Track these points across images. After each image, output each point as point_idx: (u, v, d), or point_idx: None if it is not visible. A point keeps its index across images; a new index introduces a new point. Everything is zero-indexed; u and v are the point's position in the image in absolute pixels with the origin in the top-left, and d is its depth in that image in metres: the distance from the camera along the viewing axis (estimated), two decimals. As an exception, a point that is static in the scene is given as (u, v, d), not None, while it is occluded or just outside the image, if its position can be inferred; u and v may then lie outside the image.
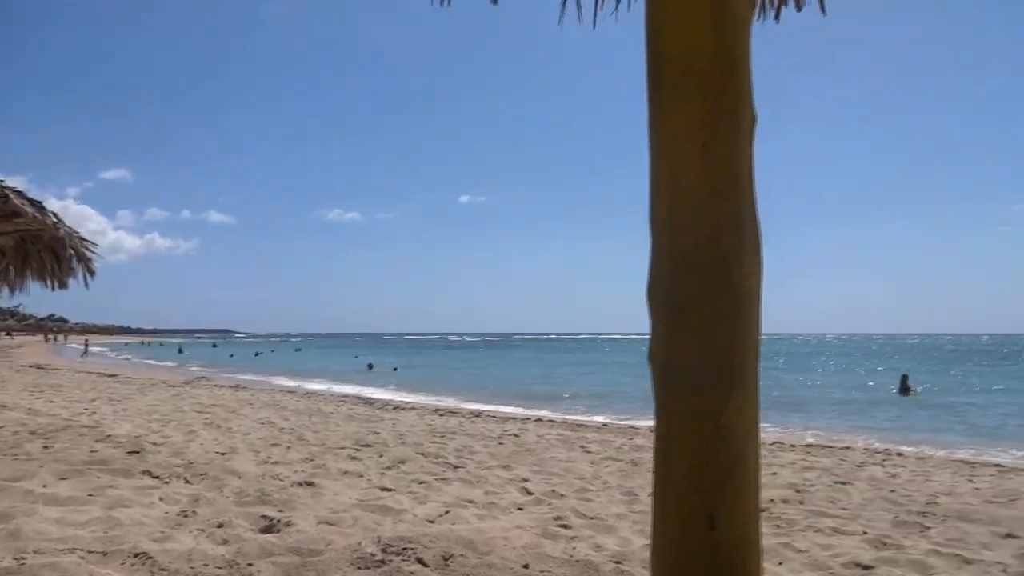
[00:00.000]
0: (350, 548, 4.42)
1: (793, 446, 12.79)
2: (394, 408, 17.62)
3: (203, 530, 4.77)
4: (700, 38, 1.78)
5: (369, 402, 19.49)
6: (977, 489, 8.69)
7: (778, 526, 6.06)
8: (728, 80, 1.79)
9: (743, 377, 1.75)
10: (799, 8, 3.06)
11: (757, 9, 3.02)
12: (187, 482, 6.46)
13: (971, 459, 12.46)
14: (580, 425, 15.44)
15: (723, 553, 1.71)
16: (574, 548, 4.92)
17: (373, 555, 4.30)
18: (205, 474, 6.80)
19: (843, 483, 8.62)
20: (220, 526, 4.88)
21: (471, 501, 6.42)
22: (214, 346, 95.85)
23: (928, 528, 6.27)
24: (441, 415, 16.14)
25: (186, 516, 5.14)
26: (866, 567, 4.84)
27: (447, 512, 5.80)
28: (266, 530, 4.88)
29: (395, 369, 42.16)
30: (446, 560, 4.33)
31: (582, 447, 11.13)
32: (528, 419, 16.10)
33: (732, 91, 1.80)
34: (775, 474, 9.10)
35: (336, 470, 7.65)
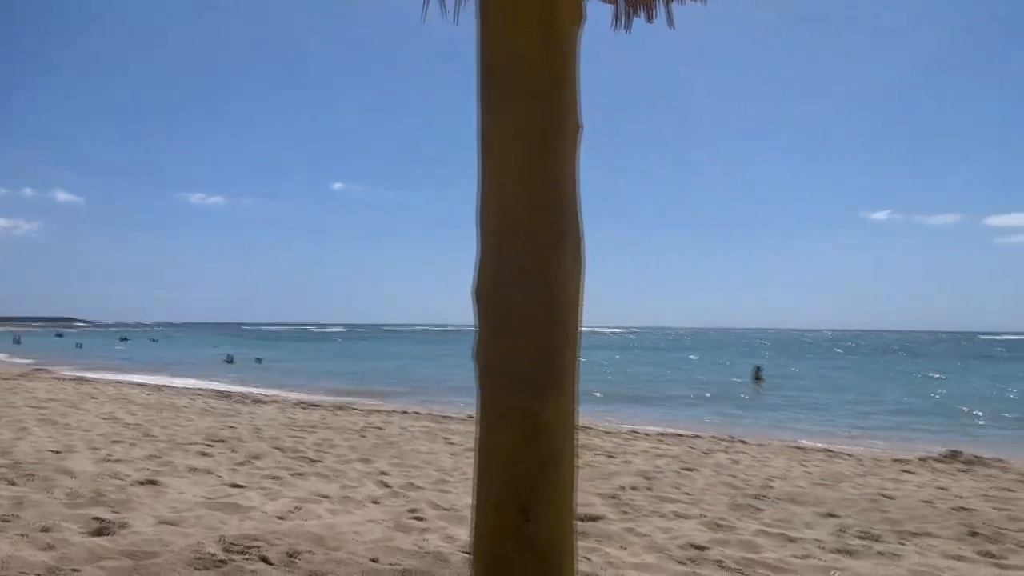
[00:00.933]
0: (189, 548, 4.25)
1: (647, 435, 13.39)
2: (253, 401, 17.03)
3: (25, 535, 4.44)
4: (525, 50, 1.84)
5: (227, 395, 18.72)
6: (808, 472, 9.42)
7: (625, 512, 6.34)
8: (553, 91, 1.86)
9: (561, 379, 1.83)
10: (650, 20, 3.20)
11: (612, 19, 3.14)
12: (11, 484, 5.98)
13: (806, 445, 13.52)
14: (446, 417, 15.49)
15: (537, 545, 1.78)
16: (425, 540, 4.95)
17: (213, 555, 4.16)
18: (33, 475, 6.32)
19: (689, 469, 9.12)
20: (45, 530, 4.57)
21: (326, 496, 6.32)
22: (59, 335, 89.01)
23: (760, 510, 6.74)
24: (304, 408, 15.75)
25: (6, 521, 4.77)
26: (700, 548, 5.15)
27: (298, 508, 5.69)
28: (98, 533, 4.60)
29: (258, 360, 40.68)
30: (292, 557, 4.25)
31: (445, 439, 11.18)
32: (393, 411, 15.99)
33: (557, 102, 1.87)
34: (628, 462, 9.51)
35: (184, 467, 7.32)
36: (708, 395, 25.17)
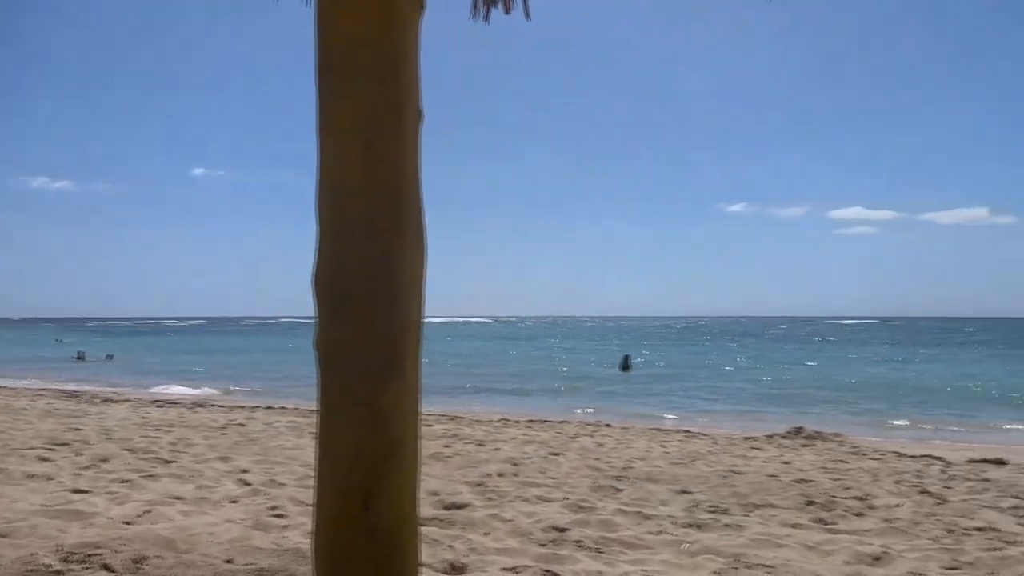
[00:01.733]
0: (20, 561, 3.95)
1: (517, 422, 13.61)
2: (104, 401, 15.97)
3: None
4: (364, 35, 1.82)
5: (74, 395, 17.46)
6: (667, 453, 9.90)
7: (490, 498, 6.43)
8: (392, 78, 1.85)
9: (402, 366, 1.83)
10: (507, 11, 3.23)
11: (471, 9, 3.15)
12: None
13: (667, 427, 14.20)
14: (313, 411, 15.14)
15: (379, 533, 1.78)
16: (285, 537, 4.83)
17: (49, 566, 3.88)
18: None
19: (556, 454, 9.36)
20: None
21: (179, 497, 6.03)
22: None
23: (620, 490, 7.02)
24: (159, 406, 14.93)
25: None
26: (561, 529, 5.30)
27: (148, 511, 5.40)
28: (-87, 550, 4.19)
29: (109, 357, 38.02)
30: (138, 563, 4.04)
31: (312, 433, 10.92)
32: (258, 407, 15.43)
33: (396, 89, 1.86)
34: (497, 450, 9.64)
35: (20, 474, 6.78)
36: (578, 383, 25.89)
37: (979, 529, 5.65)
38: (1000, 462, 9.83)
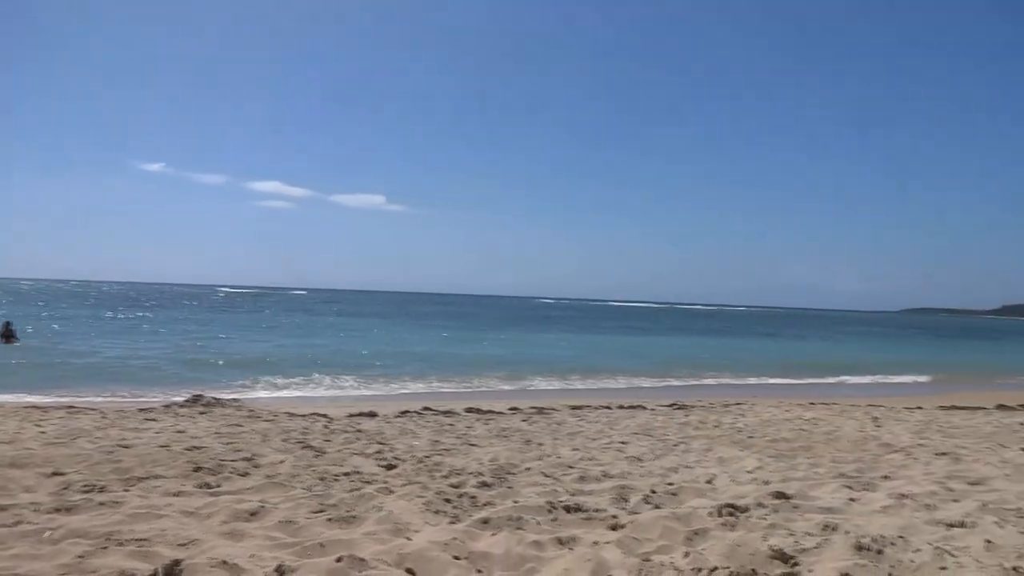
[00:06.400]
0: None
1: None
2: None
3: None
4: None
5: None
6: (43, 432, 8.72)
7: None
8: None
9: None
10: None
11: None
12: None
13: (46, 404, 12.51)
14: None
15: None
16: None
17: None
18: None
19: None
20: None
21: None
22: None
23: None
24: None
25: None
26: None
27: None
28: None
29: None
30: None
31: None
32: None
33: None
34: None
35: None
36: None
37: (346, 474, 6.40)
38: (372, 414, 11.39)
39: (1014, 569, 3.77)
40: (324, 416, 10.90)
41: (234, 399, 12.91)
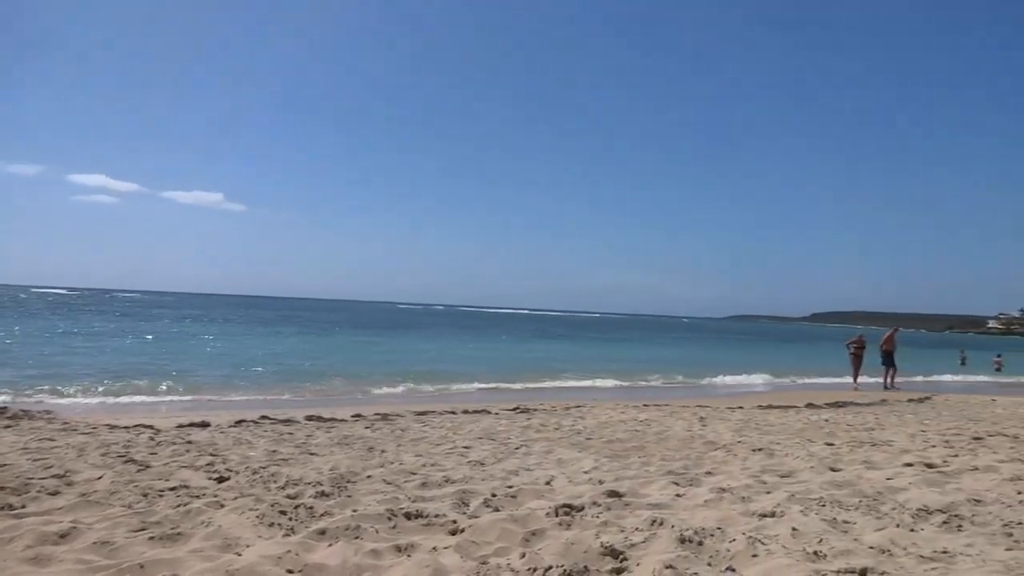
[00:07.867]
0: None
1: None
2: None
3: None
4: None
5: None
6: None
7: None
8: None
9: None
10: None
11: None
12: None
13: None
14: None
15: None
16: None
17: None
18: None
19: None
20: None
21: None
22: None
23: None
24: None
25: None
26: None
27: None
28: None
29: None
30: None
31: None
32: None
33: None
34: None
35: None
36: None
37: (172, 489, 6.01)
38: (204, 424, 10.78)
39: (815, 553, 4.15)
40: (150, 427, 10.20)
41: (46, 411, 11.81)
